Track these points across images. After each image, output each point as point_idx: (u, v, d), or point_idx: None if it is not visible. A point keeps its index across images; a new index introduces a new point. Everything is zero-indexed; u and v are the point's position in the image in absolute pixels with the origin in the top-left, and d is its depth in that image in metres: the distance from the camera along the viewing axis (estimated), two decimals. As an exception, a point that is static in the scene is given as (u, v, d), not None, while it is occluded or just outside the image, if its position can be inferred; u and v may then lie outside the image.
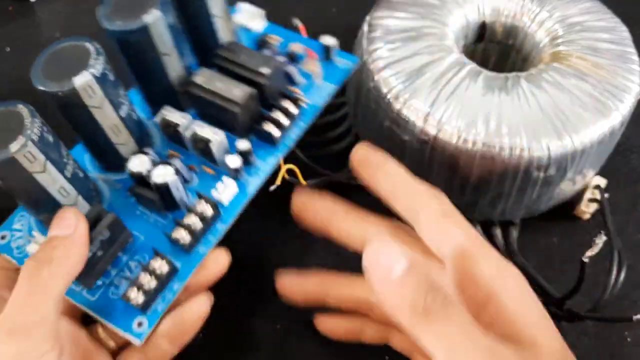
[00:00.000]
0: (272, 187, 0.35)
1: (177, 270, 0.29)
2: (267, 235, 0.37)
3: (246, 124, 0.32)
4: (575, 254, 0.36)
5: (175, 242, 0.29)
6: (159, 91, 0.32)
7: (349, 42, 0.40)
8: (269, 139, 0.32)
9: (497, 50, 0.41)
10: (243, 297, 0.35)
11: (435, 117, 0.32)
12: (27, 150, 0.25)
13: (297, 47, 0.35)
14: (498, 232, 0.36)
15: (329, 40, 0.35)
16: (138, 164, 0.30)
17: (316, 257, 0.36)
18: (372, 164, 0.29)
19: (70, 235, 0.26)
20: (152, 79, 0.32)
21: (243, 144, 0.31)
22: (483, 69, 0.35)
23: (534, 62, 0.38)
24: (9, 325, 0.24)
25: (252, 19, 0.37)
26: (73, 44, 0.28)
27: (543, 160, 0.32)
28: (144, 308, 0.28)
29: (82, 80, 0.27)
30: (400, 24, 0.37)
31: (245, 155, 0.31)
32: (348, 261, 0.36)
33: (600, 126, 0.33)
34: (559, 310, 0.32)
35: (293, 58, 0.35)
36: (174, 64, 0.32)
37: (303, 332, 0.33)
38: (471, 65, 0.35)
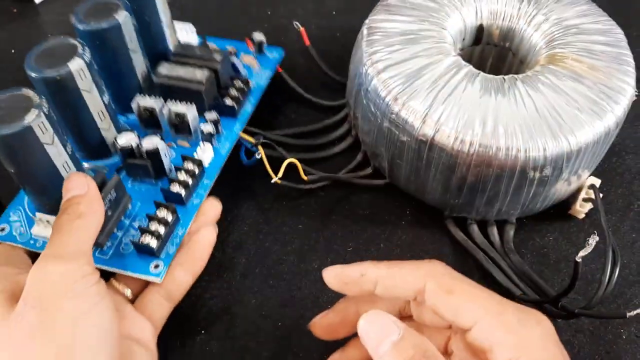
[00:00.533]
0: (274, 180, 0.36)
1: (179, 218, 0.34)
2: (267, 234, 0.38)
3: (209, 101, 0.38)
4: (570, 253, 0.37)
5: (173, 196, 0.34)
6: (127, 87, 0.37)
7: (349, 43, 0.41)
8: (230, 111, 0.39)
9: (494, 53, 0.42)
10: (244, 296, 0.35)
11: (433, 119, 0.33)
12: (40, 120, 0.28)
13: (232, 49, 0.43)
14: (494, 231, 0.37)
15: (259, 36, 0.43)
16: (126, 139, 0.34)
17: (316, 256, 0.37)
18: (351, 280, 0.28)
19: (87, 193, 0.29)
20: (121, 76, 0.37)
21: (211, 115, 0.38)
22: (480, 71, 0.35)
23: (530, 64, 0.39)
24: (55, 253, 0.27)
25: (187, 34, 0.44)
26: (60, 41, 0.32)
27: (539, 160, 0.32)
28: (158, 252, 0.32)
29: (76, 64, 0.31)
30: (398, 27, 0.37)
31: (214, 124, 0.37)
32: (348, 260, 0.37)
33: (596, 127, 0.33)
34: (554, 307, 0.32)
35: (233, 55, 0.42)
36: (139, 61, 0.37)
37: (304, 331, 0.33)
38: (468, 68, 0.35)
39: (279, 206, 0.39)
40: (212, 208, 0.36)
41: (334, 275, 0.28)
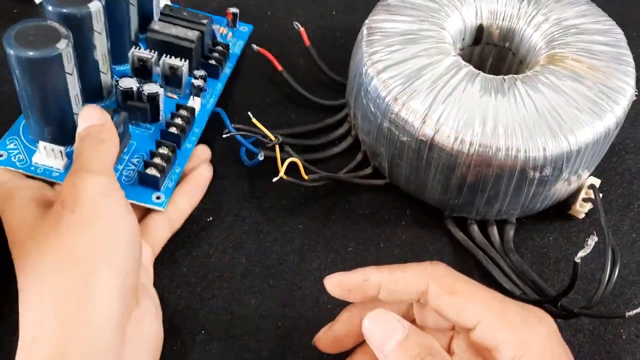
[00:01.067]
0: (275, 179, 0.36)
1: (177, 157, 0.37)
2: (267, 234, 0.38)
3: (196, 60, 0.41)
4: (570, 253, 0.37)
5: (170, 137, 0.37)
6: (121, 38, 0.40)
7: (349, 43, 0.41)
8: (213, 72, 0.42)
9: (494, 53, 0.42)
10: (244, 296, 0.35)
11: (433, 119, 0.33)
12: (68, 50, 0.31)
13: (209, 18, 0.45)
14: (494, 231, 0.37)
15: (234, 10, 0.46)
16: (127, 83, 0.37)
17: (316, 256, 0.37)
18: (354, 287, 0.28)
19: (104, 123, 0.32)
20: (118, 26, 0.39)
21: (200, 72, 0.41)
22: (480, 71, 0.35)
23: (530, 64, 0.39)
24: (87, 167, 0.29)
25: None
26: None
27: (539, 160, 0.32)
28: (160, 183, 0.35)
29: (96, 5, 0.33)
30: (398, 27, 0.37)
31: (203, 80, 0.40)
32: (348, 260, 0.37)
33: (596, 127, 0.33)
34: (554, 307, 0.32)
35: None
36: (134, 15, 0.40)
37: (303, 331, 0.34)
38: (468, 68, 0.35)
39: (279, 206, 0.39)
40: (204, 152, 0.39)
41: (337, 283, 0.28)
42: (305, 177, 0.37)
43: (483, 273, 0.36)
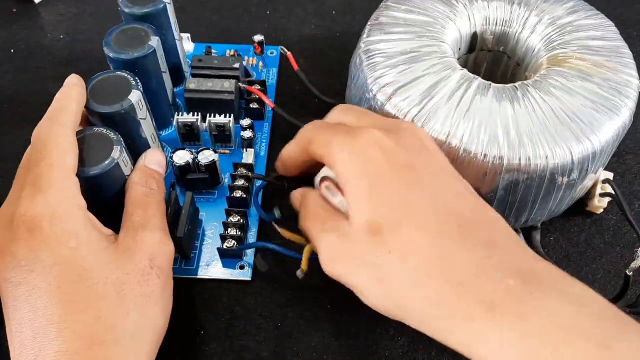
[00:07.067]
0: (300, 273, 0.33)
1: (248, 221, 0.37)
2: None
3: (237, 108, 0.41)
4: (571, 253, 0.37)
5: (238, 202, 0.37)
6: (161, 106, 0.40)
7: (348, 43, 0.41)
8: (258, 114, 0.42)
9: (488, 58, 0.41)
10: (244, 296, 0.35)
11: (457, 138, 0.32)
12: (124, 156, 0.31)
13: (235, 52, 0.45)
14: (521, 239, 0.36)
15: (259, 38, 0.46)
16: (182, 157, 0.36)
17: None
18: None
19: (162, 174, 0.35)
20: (157, 97, 0.39)
21: (246, 122, 0.40)
22: (490, 82, 0.35)
23: (530, 67, 0.38)
24: (158, 227, 0.31)
25: (185, 43, 0.47)
26: (112, 75, 0.34)
27: (567, 166, 0.32)
28: (241, 254, 0.35)
29: (136, 96, 0.33)
30: (398, 46, 0.36)
31: (250, 129, 0.40)
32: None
33: (614, 124, 0.33)
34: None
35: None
36: (168, 80, 0.39)
37: (304, 331, 0.33)
38: (479, 80, 0.35)
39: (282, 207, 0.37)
40: None
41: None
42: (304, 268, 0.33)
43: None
